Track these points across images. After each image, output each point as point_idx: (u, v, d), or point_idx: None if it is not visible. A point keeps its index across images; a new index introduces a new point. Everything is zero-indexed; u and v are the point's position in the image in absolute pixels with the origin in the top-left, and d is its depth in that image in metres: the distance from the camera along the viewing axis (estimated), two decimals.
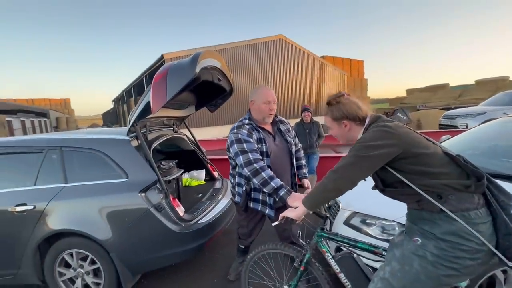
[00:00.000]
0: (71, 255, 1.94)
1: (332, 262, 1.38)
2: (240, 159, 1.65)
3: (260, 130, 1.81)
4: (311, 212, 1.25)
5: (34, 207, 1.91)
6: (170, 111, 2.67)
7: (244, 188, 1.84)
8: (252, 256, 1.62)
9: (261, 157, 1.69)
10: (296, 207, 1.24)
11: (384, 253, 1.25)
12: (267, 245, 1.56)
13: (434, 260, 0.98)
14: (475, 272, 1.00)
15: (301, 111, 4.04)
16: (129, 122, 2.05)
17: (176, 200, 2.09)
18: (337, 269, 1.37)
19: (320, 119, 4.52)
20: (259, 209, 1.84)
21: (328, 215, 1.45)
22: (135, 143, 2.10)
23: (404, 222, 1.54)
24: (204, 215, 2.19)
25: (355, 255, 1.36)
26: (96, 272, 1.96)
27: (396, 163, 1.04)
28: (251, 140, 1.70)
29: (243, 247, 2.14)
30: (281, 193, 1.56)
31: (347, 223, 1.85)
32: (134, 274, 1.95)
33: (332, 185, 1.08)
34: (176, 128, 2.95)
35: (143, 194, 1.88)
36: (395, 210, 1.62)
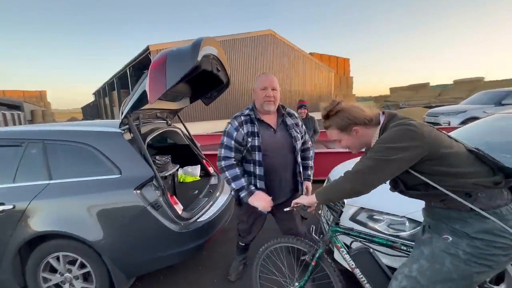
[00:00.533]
0: (58, 258, 1.77)
1: (347, 257, 1.33)
2: (218, 152, 1.71)
3: (257, 122, 1.69)
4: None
5: (14, 207, 1.72)
6: (164, 102, 2.50)
7: None
8: (263, 249, 1.57)
9: (231, 155, 1.67)
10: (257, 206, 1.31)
11: (403, 247, 1.22)
12: (279, 239, 1.52)
13: (467, 258, 0.94)
14: (505, 266, 0.98)
15: (297, 107, 3.98)
16: (122, 113, 1.88)
17: (174, 197, 1.96)
18: (352, 265, 1.32)
19: (315, 115, 4.49)
20: (257, 207, 1.72)
21: (342, 210, 1.41)
22: (128, 136, 1.94)
23: (415, 218, 1.55)
24: (203, 213, 2.08)
25: (371, 250, 1.32)
26: (86, 277, 1.81)
27: (420, 166, 0.97)
28: (234, 134, 1.66)
29: (243, 244, 2.05)
30: (241, 194, 1.62)
31: (353, 219, 1.81)
32: (128, 277, 1.82)
33: (350, 187, 1.03)
34: (169, 121, 2.79)
35: (138, 191, 1.74)
36: (404, 206, 1.60)
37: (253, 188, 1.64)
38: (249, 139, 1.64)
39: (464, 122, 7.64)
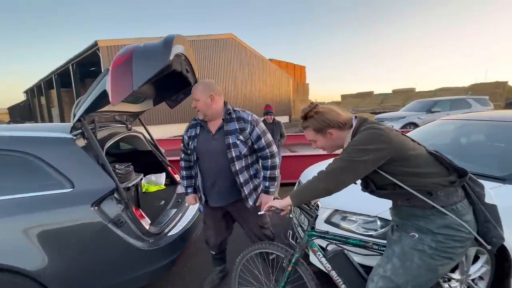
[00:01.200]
0: None
1: (324, 260, 1.37)
2: None
3: (200, 126, 1.74)
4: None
5: None
6: (124, 104, 2.23)
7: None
8: (240, 259, 1.55)
9: (181, 156, 1.87)
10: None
11: (375, 247, 1.29)
12: (255, 245, 1.52)
13: (432, 252, 1.04)
14: (462, 257, 1.11)
15: (264, 114, 3.99)
16: (74, 116, 1.61)
17: (140, 210, 1.75)
18: (328, 268, 1.35)
19: (282, 119, 4.59)
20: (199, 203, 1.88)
21: (318, 214, 1.45)
22: (81, 142, 1.67)
23: (385, 217, 1.66)
24: (173, 226, 1.90)
25: (345, 251, 1.37)
26: None
27: (387, 166, 1.06)
28: (184, 137, 1.81)
29: (213, 253, 1.96)
30: (185, 191, 1.93)
31: (328, 221, 1.86)
32: None
33: (323, 186, 1.09)
34: (129, 125, 2.51)
35: (96, 207, 1.49)
36: (375, 206, 1.70)
37: (189, 191, 1.90)
38: (190, 142, 1.75)
39: (404, 127, 8.75)
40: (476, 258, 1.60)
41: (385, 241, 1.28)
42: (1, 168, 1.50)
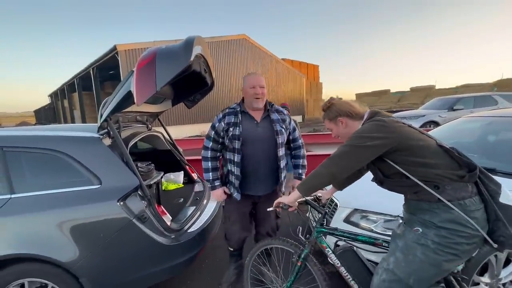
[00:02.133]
0: (22, 286, 1.51)
1: (333, 256, 1.38)
2: None
3: (241, 114, 1.78)
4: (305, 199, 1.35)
5: None
6: (145, 105, 2.31)
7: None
8: (252, 253, 1.60)
9: (209, 145, 1.81)
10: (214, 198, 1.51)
11: (384, 244, 1.28)
12: (266, 241, 1.57)
13: (435, 247, 1.03)
14: (471, 255, 1.08)
15: None
16: (101, 116, 1.69)
17: (162, 207, 1.81)
18: (337, 264, 1.37)
19: (295, 118, 4.56)
20: (232, 193, 1.82)
21: (327, 211, 1.47)
22: (107, 141, 1.75)
23: None
24: (193, 223, 1.95)
25: (355, 248, 1.37)
26: None
27: (392, 155, 1.09)
28: (216, 125, 1.77)
29: (231, 249, 1.97)
30: (208, 185, 1.86)
31: (347, 220, 1.84)
32: None
33: (326, 171, 1.14)
34: (150, 125, 2.60)
35: (122, 202, 1.56)
36: (397, 205, 1.66)
37: (217, 184, 1.83)
38: (231, 129, 1.73)
39: (423, 125, 8.41)
40: (508, 261, 1.52)
41: None
42: (35, 165, 1.60)
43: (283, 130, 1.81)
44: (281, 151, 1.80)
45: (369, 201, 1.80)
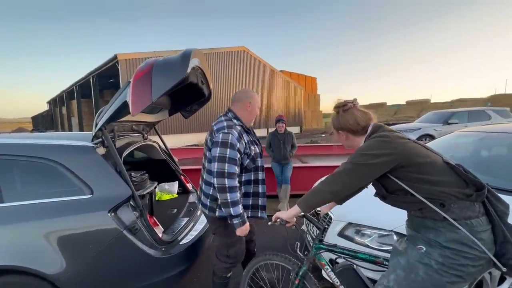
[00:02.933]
0: None
1: (332, 274, 1.34)
2: (215, 166, 1.47)
3: (248, 132, 1.71)
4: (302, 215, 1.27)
5: None
6: (141, 115, 2.32)
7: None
8: (248, 270, 1.55)
9: (236, 171, 1.50)
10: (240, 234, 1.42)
11: (385, 262, 1.25)
12: (264, 256, 1.52)
13: (439, 267, 0.99)
14: (476, 277, 1.03)
15: (276, 122, 4.03)
16: (96, 125, 1.69)
17: (154, 218, 1.78)
18: (337, 282, 1.33)
19: (293, 129, 4.59)
20: (250, 215, 1.71)
21: (326, 226, 1.44)
22: (101, 151, 1.74)
23: (402, 232, 1.60)
24: (185, 235, 1.92)
25: (355, 266, 1.34)
26: None
27: (397, 172, 1.06)
28: (238, 145, 1.51)
29: (229, 275, 1.70)
30: (235, 221, 1.50)
31: (341, 234, 1.82)
32: None
33: (329, 188, 1.11)
34: (146, 135, 2.60)
35: (113, 213, 1.54)
36: (392, 220, 1.65)
37: (245, 216, 1.56)
38: (252, 147, 1.63)
39: (419, 139, 8.50)
40: (502, 279, 1.50)
41: None
42: (26, 174, 1.59)
43: None
44: None
45: (364, 215, 1.79)
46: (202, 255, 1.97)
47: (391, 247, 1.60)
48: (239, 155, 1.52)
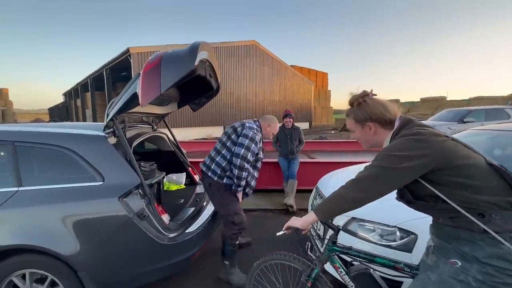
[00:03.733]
0: (23, 277, 1.56)
1: (346, 278, 1.27)
2: (241, 150, 1.96)
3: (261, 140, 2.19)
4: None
5: None
6: (151, 106, 2.39)
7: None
8: (257, 265, 1.50)
9: (251, 160, 2.02)
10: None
11: (406, 269, 1.16)
12: (274, 255, 1.45)
13: (478, 286, 0.86)
14: None
15: (283, 117, 4.03)
16: (107, 116, 1.76)
17: (161, 206, 1.85)
18: (351, 287, 1.26)
19: (302, 125, 4.57)
20: (248, 193, 2.21)
21: (340, 227, 1.37)
22: (112, 140, 1.81)
23: (406, 228, 1.60)
24: (191, 224, 1.98)
25: (371, 270, 1.24)
26: None
27: (430, 175, 0.90)
28: (253, 148, 2.01)
29: (236, 242, 2.08)
30: (238, 189, 2.05)
31: (344, 229, 1.82)
32: None
33: (352, 196, 0.97)
34: (155, 126, 2.67)
35: (123, 199, 1.61)
36: (395, 215, 1.65)
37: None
38: (260, 152, 2.15)
39: None
40: None
41: (418, 264, 1.14)
42: (43, 161, 1.67)
43: None
44: None
45: (367, 208, 1.78)
46: (206, 243, 2.03)
47: (393, 243, 1.62)
48: (250, 154, 1.99)
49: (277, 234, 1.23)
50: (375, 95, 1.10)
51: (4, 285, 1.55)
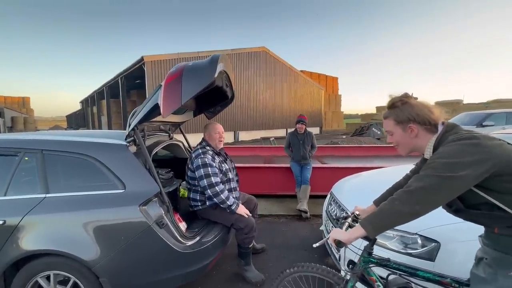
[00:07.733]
0: (48, 278, 1.62)
1: None
2: (204, 182, 2.03)
3: (218, 153, 2.28)
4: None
5: (4, 222, 1.58)
6: (169, 115, 2.45)
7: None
8: (283, 276, 1.43)
9: (219, 180, 2.09)
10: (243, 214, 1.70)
11: (454, 284, 1.07)
12: (306, 267, 1.37)
13: None
14: None
15: (296, 122, 4.03)
16: (129, 125, 1.82)
17: (178, 214, 1.88)
18: None
19: (312, 130, 4.55)
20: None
21: (376, 238, 1.23)
22: (133, 149, 1.87)
23: (427, 235, 1.55)
24: (208, 232, 2.00)
25: (412, 285, 1.15)
26: None
27: (486, 181, 0.85)
28: (214, 164, 2.10)
29: (249, 246, 2.17)
30: (233, 207, 2.07)
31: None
32: None
33: (408, 209, 0.90)
34: (171, 134, 2.73)
35: (143, 207, 1.65)
36: (416, 222, 1.59)
37: (238, 202, 2.17)
38: (223, 165, 2.21)
39: None
40: None
41: (467, 279, 1.05)
42: (69, 169, 1.74)
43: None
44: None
45: None
46: (222, 252, 2.04)
47: (414, 251, 1.57)
48: (217, 169, 2.10)
49: (314, 245, 1.17)
50: (416, 98, 1.06)
51: (30, 286, 1.62)
